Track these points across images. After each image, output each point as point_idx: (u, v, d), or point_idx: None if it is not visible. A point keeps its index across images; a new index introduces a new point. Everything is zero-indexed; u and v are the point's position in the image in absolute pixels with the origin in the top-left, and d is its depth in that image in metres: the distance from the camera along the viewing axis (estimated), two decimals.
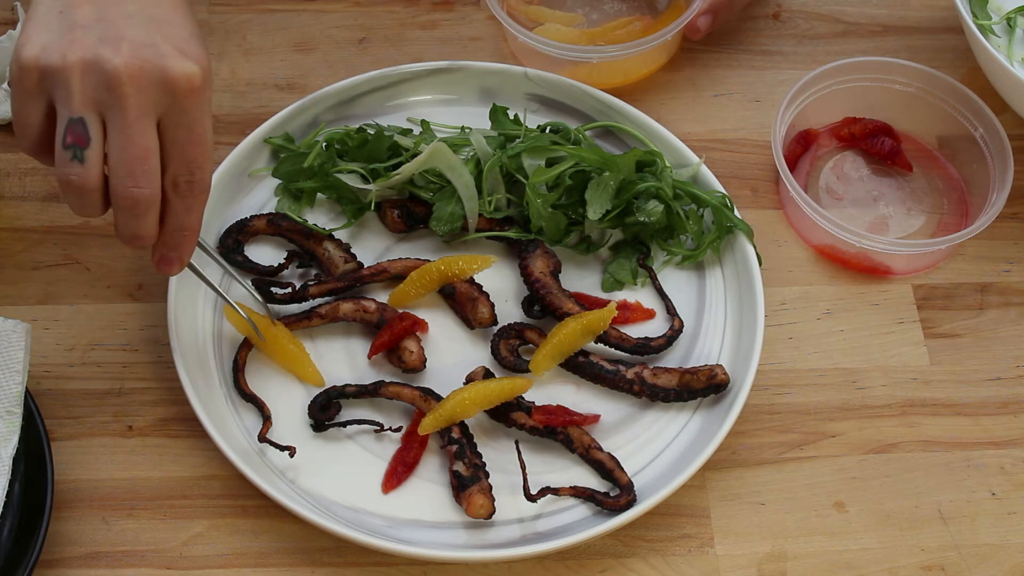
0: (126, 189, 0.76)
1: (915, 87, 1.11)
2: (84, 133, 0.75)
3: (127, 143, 0.75)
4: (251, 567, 0.90)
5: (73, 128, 0.75)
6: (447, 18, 1.19)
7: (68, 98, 0.75)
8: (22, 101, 0.76)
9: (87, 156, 0.75)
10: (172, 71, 0.75)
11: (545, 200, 1.01)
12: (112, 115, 0.75)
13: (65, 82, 0.74)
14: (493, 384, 0.94)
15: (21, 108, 0.77)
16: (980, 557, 0.93)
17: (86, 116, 0.75)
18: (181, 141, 0.77)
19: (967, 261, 1.07)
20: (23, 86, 0.76)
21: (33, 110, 0.77)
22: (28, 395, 0.90)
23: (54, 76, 0.75)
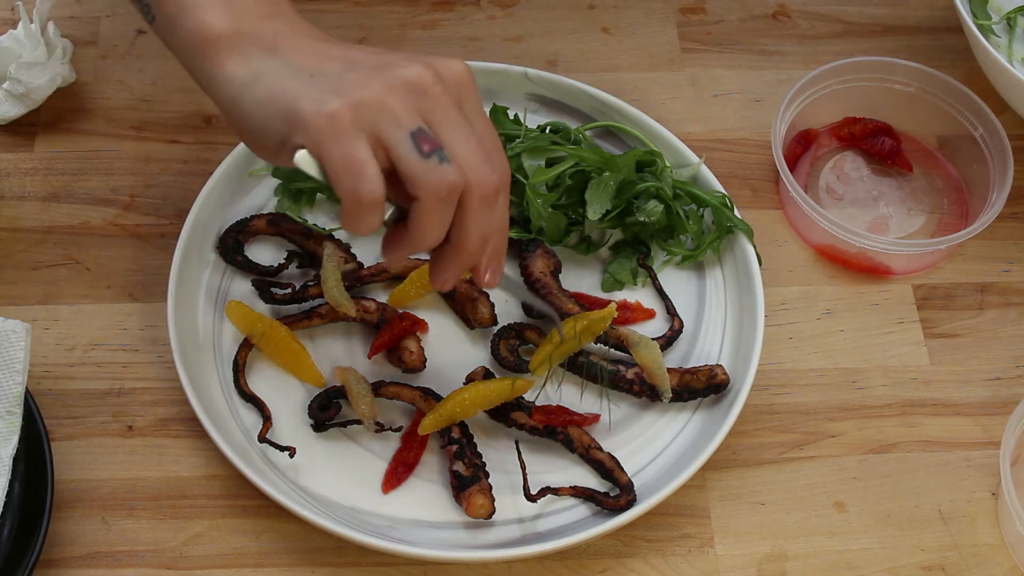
0: (486, 177, 0.75)
1: (915, 87, 1.11)
2: (432, 138, 0.73)
3: (467, 134, 0.75)
4: (251, 567, 0.90)
5: (422, 137, 0.73)
6: (447, 18, 1.20)
7: (396, 118, 0.73)
8: (346, 144, 0.72)
9: (450, 156, 0.74)
10: (446, 68, 0.76)
11: (545, 200, 1.01)
12: (439, 116, 0.74)
13: (384, 106, 0.73)
14: (493, 384, 0.94)
15: (351, 151, 0.72)
16: (980, 557, 0.93)
17: (422, 125, 0.74)
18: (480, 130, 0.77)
19: (967, 261, 1.07)
20: (340, 130, 0.72)
21: (361, 147, 0.73)
22: (28, 395, 0.90)
23: (369, 107, 0.73)
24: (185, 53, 0.80)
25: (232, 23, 0.78)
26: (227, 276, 1.01)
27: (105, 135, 1.09)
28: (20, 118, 1.09)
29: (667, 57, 1.18)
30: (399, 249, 0.78)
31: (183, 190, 1.06)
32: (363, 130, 0.73)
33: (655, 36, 1.20)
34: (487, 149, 0.76)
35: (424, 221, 0.75)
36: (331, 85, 0.74)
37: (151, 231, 1.04)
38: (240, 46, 0.77)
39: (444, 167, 0.73)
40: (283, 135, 0.75)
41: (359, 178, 0.73)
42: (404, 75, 0.74)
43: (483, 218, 0.76)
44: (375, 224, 0.75)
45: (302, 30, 0.80)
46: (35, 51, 1.07)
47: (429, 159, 0.73)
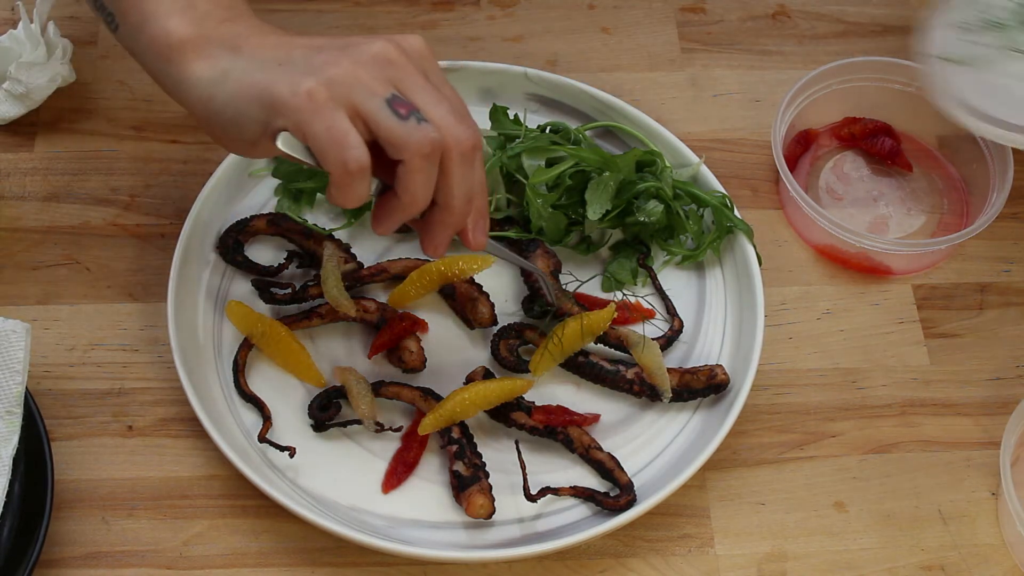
0: (462, 134, 0.77)
1: (915, 87, 1.11)
2: (407, 102, 0.76)
3: (438, 97, 0.77)
4: (251, 567, 0.90)
5: (396, 103, 0.76)
6: (447, 18, 1.20)
7: (370, 88, 0.75)
8: (327, 117, 0.75)
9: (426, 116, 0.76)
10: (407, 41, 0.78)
11: (545, 200, 1.01)
12: (409, 83, 0.77)
13: (356, 79, 0.75)
14: (493, 384, 0.94)
15: (332, 123, 0.75)
16: (980, 557, 0.93)
17: (395, 92, 0.76)
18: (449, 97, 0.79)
19: (967, 261, 1.07)
20: (318, 105, 0.74)
21: (342, 118, 0.75)
22: (28, 395, 0.90)
23: (342, 81, 0.75)
24: (151, 60, 0.82)
25: (194, 28, 0.80)
26: (227, 276, 1.01)
27: (105, 135, 1.09)
28: (20, 118, 1.09)
29: (667, 57, 1.18)
30: (389, 217, 0.80)
31: (183, 190, 1.06)
32: (340, 104, 0.75)
33: (655, 36, 1.20)
34: (460, 109, 0.79)
35: (411, 182, 0.77)
36: (301, 68, 0.76)
37: (151, 231, 1.04)
38: (205, 48, 0.80)
39: (424, 126, 0.76)
40: (262, 122, 0.77)
41: (344, 147, 0.75)
42: (370, 50, 0.76)
43: (465, 175, 0.78)
44: (364, 194, 0.77)
45: (262, 29, 0.82)
46: (35, 51, 1.07)
47: (407, 121, 0.75)
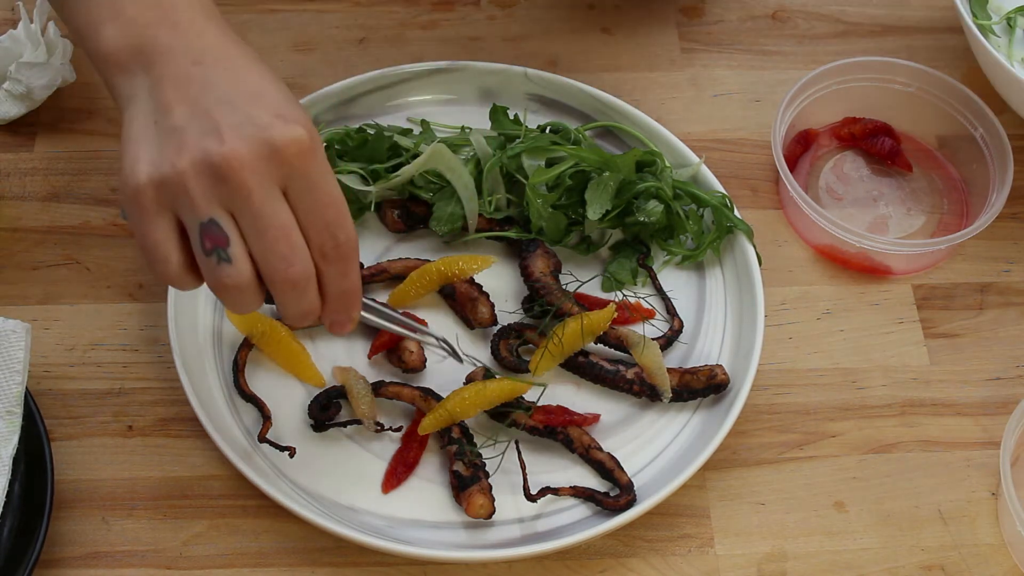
0: (280, 273, 0.74)
1: (915, 87, 1.11)
2: (220, 233, 0.72)
3: (263, 228, 0.73)
4: (251, 567, 0.90)
5: (208, 231, 0.72)
6: (447, 18, 1.20)
7: (191, 204, 0.72)
8: (146, 223, 0.73)
9: (232, 254, 0.73)
10: (278, 140, 0.72)
11: (545, 200, 1.01)
12: (238, 205, 0.72)
13: (182, 189, 0.72)
14: (493, 384, 0.94)
15: (148, 233, 0.73)
16: (980, 557, 0.93)
17: (215, 215, 0.72)
18: (311, 207, 0.74)
19: (967, 261, 1.07)
20: (142, 207, 0.72)
21: (160, 231, 0.73)
22: (28, 395, 0.90)
23: (169, 188, 0.72)
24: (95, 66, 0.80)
25: (122, 38, 0.76)
26: None
27: (105, 135, 1.09)
28: (20, 118, 1.09)
29: (667, 57, 1.18)
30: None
31: None
32: (165, 209, 0.73)
33: (655, 36, 1.20)
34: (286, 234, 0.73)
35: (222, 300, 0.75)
36: (155, 147, 0.73)
37: None
38: (125, 62, 0.76)
39: (220, 267, 0.73)
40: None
41: (154, 260, 0.74)
42: (218, 154, 0.71)
43: (292, 301, 0.75)
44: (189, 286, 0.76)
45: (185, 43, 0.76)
46: (35, 51, 1.07)
47: (210, 257, 0.73)
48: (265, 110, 0.74)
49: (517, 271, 1.02)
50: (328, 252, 0.75)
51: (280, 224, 0.73)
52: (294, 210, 0.74)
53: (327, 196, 0.74)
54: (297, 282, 0.74)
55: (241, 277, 0.73)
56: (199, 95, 0.74)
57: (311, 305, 0.76)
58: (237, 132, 0.72)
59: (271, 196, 0.73)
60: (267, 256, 0.73)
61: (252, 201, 0.72)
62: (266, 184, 0.72)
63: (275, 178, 0.73)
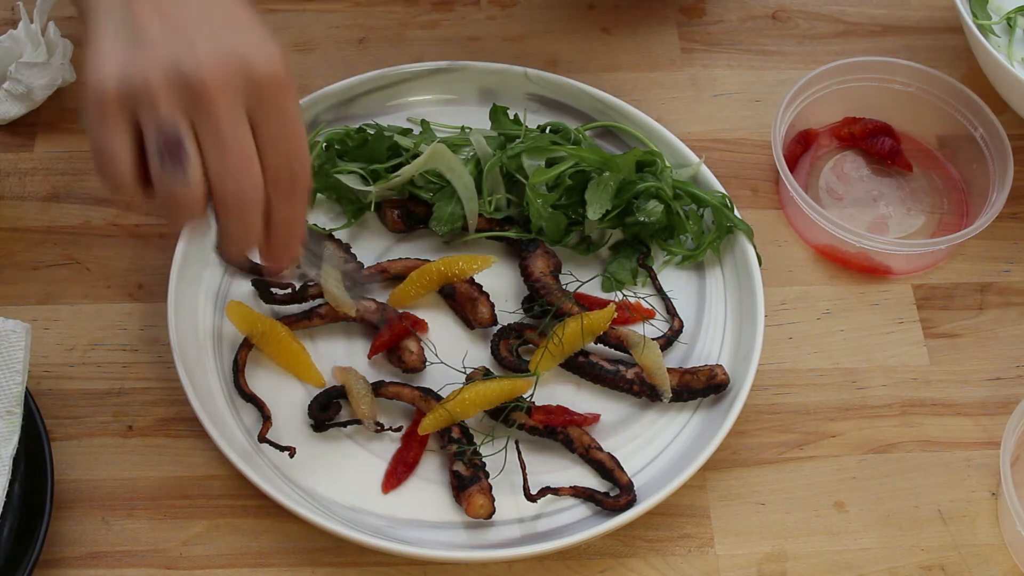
0: (230, 191, 0.73)
1: (915, 87, 1.11)
2: (181, 145, 0.71)
3: (224, 147, 0.72)
4: (251, 567, 0.90)
5: (168, 142, 0.71)
6: (447, 18, 1.20)
7: (156, 112, 0.70)
8: (104, 129, 0.71)
9: (188, 169, 0.72)
10: (255, 64, 0.72)
11: (545, 200, 1.01)
12: (203, 121, 0.71)
13: (149, 96, 0.70)
14: (493, 384, 0.94)
15: (105, 137, 0.71)
16: (980, 557, 0.93)
17: (179, 127, 0.71)
18: (275, 135, 0.73)
19: (967, 261, 1.07)
20: (103, 110, 0.71)
21: (118, 137, 0.72)
22: (28, 395, 0.90)
23: (136, 93, 0.70)
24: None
25: None
26: (227, 276, 1.01)
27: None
28: (20, 118, 1.09)
29: (667, 57, 1.18)
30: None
31: None
32: (127, 113, 0.71)
33: (655, 36, 1.20)
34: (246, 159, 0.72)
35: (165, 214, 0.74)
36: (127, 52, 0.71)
37: (151, 231, 1.04)
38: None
39: (175, 179, 0.72)
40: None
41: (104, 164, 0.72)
42: (193, 67, 0.70)
43: (236, 223, 0.74)
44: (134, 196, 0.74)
45: None
46: (35, 51, 1.07)
47: (164, 167, 0.72)
48: (242, 38, 0.73)
49: (517, 271, 1.02)
50: (282, 181, 0.74)
51: (241, 145, 0.72)
52: (256, 136, 0.73)
53: (291, 128, 0.74)
54: (247, 205, 0.73)
55: (192, 194, 0.72)
56: (177, 12, 0.73)
57: (253, 232, 0.75)
58: (213, 51, 0.71)
59: (237, 117, 0.72)
60: (222, 175, 0.72)
61: (219, 120, 0.71)
62: (234, 105, 0.71)
63: (243, 102, 0.72)
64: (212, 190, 0.73)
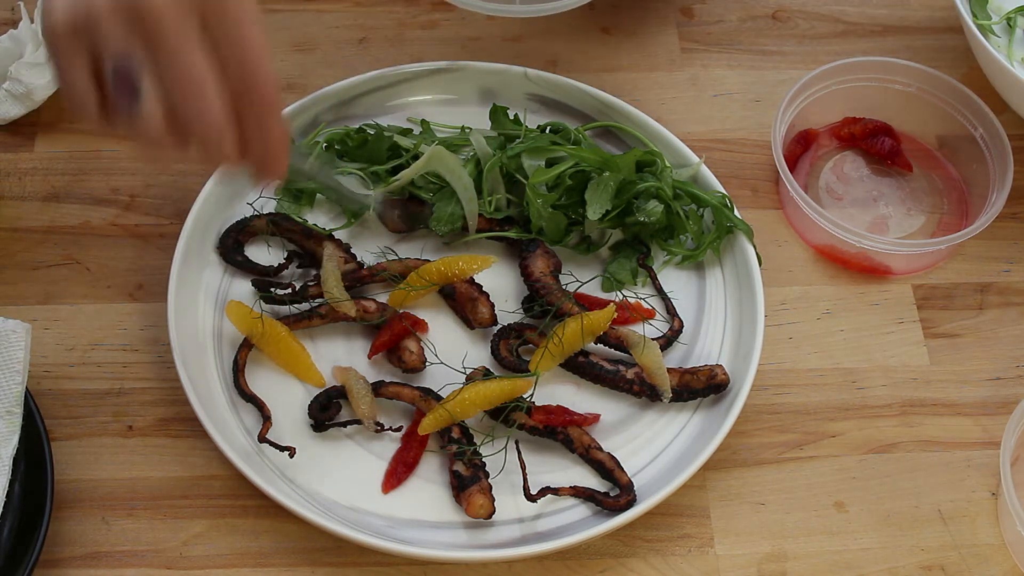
0: (192, 114, 0.71)
1: (915, 87, 1.11)
2: (133, 74, 0.70)
3: (176, 71, 0.70)
4: (251, 567, 0.90)
5: (121, 72, 0.70)
6: (447, 18, 1.20)
7: (107, 42, 0.69)
8: (64, 63, 0.70)
9: (143, 97, 0.70)
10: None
11: (545, 200, 1.01)
12: (155, 47, 0.70)
13: (97, 27, 0.69)
14: (493, 384, 0.94)
15: (66, 71, 0.70)
16: (980, 557, 0.93)
17: (130, 55, 0.70)
18: (231, 51, 0.71)
19: (967, 261, 1.07)
20: (59, 47, 0.70)
21: (77, 70, 0.71)
22: (28, 395, 0.90)
23: (85, 26, 0.69)
24: None
25: None
26: (227, 276, 1.01)
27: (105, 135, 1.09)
28: (20, 118, 1.09)
29: (667, 57, 1.18)
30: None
31: (183, 190, 1.06)
32: (82, 49, 0.70)
33: (655, 36, 1.20)
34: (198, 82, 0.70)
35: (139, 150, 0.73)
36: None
37: (151, 231, 1.04)
38: None
39: (131, 112, 0.71)
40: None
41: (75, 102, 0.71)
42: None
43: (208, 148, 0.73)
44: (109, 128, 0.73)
45: None
46: (35, 51, 1.07)
47: (122, 98, 0.71)
48: None
49: (517, 271, 1.02)
50: (243, 97, 0.73)
51: (194, 65, 0.70)
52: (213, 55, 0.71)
53: (246, 40, 0.72)
54: (211, 126, 0.72)
55: (151, 124, 0.71)
56: None
57: (229, 151, 0.74)
58: None
59: (187, 36, 0.70)
60: (180, 98, 0.71)
61: (168, 41, 0.70)
62: (183, 24, 0.70)
63: (193, 19, 0.70)
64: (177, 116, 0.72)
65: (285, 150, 0.76)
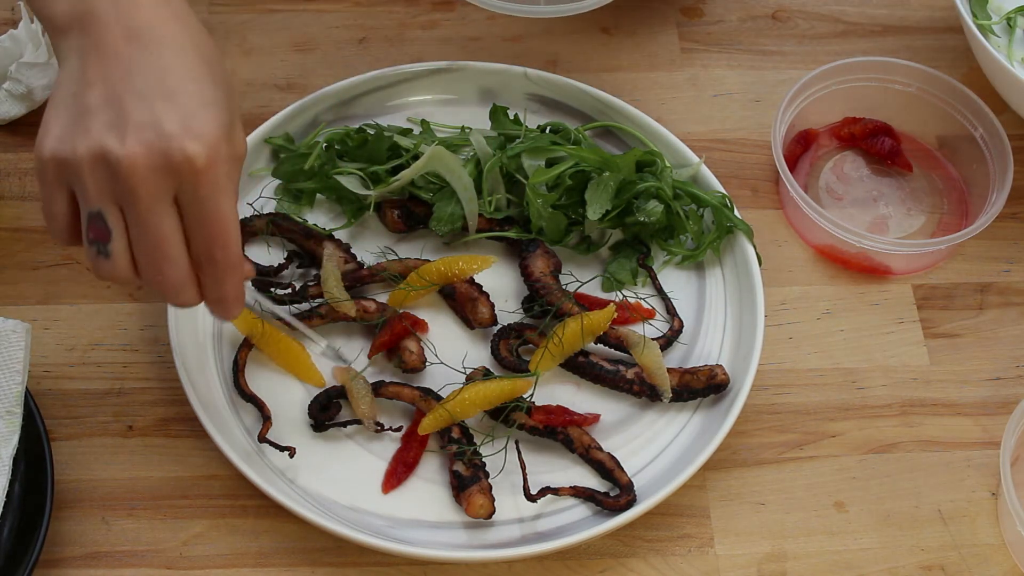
0: (153, 277, 0.76)
1: (915, 87, 1.11)
2: (104, 227, 0.74)
3: (144, 233, 0.74)
4: (251, 567, 0.90)
5: (94, 223, 0.74)
6: (447, 18, 1.20)
7: (84, 192, 0.74)
8: (46, 193, 0.76)
9: (112, 250, 0.75)
10: (174, 155, 0.72)
11: (545, 200, 1.01)
12: (127, 205, 0.74)
13: (78, 175, 0.73)
14: (493, 384, 0.94)
15: (47, 200, 0.76)
16: (980, 557, 0.93)
17: (104, 209, 0.74)
18: (197, 221, 0.75)
19: (967, 261, 1.07)
20: (45, 179, 0.75)
21: (57, 201, 0.76)
22: (28, 395, 0.90)
23: (68, 169, 0.74)
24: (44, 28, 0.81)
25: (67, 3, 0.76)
26: None
27: None
28: (20, 118, 1.09)
29: (667, 57, 1.18)
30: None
31: None
32: (63, 185, 0.75)
33: (655, 36, 1.20)
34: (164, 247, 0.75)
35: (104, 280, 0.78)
36: (67, 123, 0.74)
37: None
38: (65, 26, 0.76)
39: (99, 259, 0.76)
40: None
41: (50, 223, 0.77)
42: (114, 153, 0.72)
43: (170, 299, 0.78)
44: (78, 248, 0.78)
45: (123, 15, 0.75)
46: (36, 51, 1.07)
47: (92, 246, 0.75)
48: (174, 115, 0.73)
49: (517, 271, 1.02)
50: (204, 264, 0.77)
51: (159, 234, 0.74)
52: (182, 219, 0.75)
53: (212, 214, 0.75)
54: (168, 287, 0.77)
55: (116, 271, 0.76)
56: (118, 80, 0.74)
57: (187, 302, 0.78)
58: (139, 134, 0.73)
59: (158, 203, 0.74)
60: (143, 260, 0.76)
61: (139, 206, 0.73)
62: (155, 192, 0.73)
63: (167, 187, 0.74)
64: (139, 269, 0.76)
65: (240, 303, 0.80)
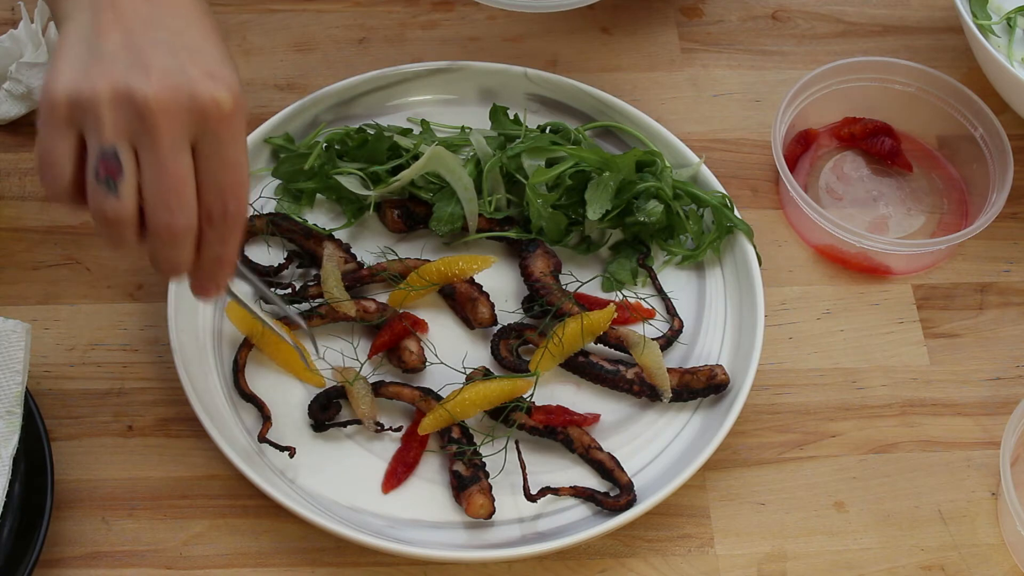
0: (162, 220, 0.74)
1: (915, 87, 1.11)
2: (117, 164, 0.72)
3: (161, 173, 0.73)
4: (251, 567, 0.90)
5: (105, 159, 0.72)
6: (447, 18, 1.20)
7: (99, 128, 0.71)
8: (50, 136, 0.72)
9: (121, 188, 0.72)
10: (202, 96, 0.72)
11: (545, 200, 1.01)
12: (144, 145, 0.72)
13: (95, 112, 0.71)
14: (493, 384, 0.94)
15: (49, 144, 0.73)
16: (980, 557, 0.93)
17: (119, 146, 0.72)
18: (214, 169, 0.74)
19: (967, 261, 1.07)
20: (52, 119, 0.72)
21: (62, 146, 0.73)
22: (28, 395, 0.90)
23: (83, 107, 0.72)
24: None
25: None
26: None
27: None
28: (20, 118, 1.09)
29: (667, 57, 1.18)
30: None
31: None
32: (73, 126, 0.73)
33: (655, 36, 1.20)
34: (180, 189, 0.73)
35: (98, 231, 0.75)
36: (82, 64, 0.72)
37: None
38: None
39: (107, 197, 0.73)
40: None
41: (48, 174, 0.73)
42: (140, 90, 0.71)
43: (164, 249, 0.75)
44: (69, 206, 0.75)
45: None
46: (36, 51, 1.07)
47: (99, 184, 0.73)
48: (198, 65, 0.73)
49: (517, 271, 1.02)
50: (214, 216, 0.75)
51: (177, 175, 0.73)
52: (196, 167, 0.74)
53: (231, 163, 0.74)
54: (176, 233, 0.74)
55: (122, 213, 0.73)
56: (138, 29, 0.73)
57: (181, 260, 0.76)
58: (165, 76, 0.72)
59: (178, 146, 0.72)
60: (155, 201, 0.73)
61: (159, 145, 0.72)
62: (177, 133, 0.72)
63: (187, 130, 0.73)
64: (144, 214, 0.74)
65: (230, 271, 0.79)
